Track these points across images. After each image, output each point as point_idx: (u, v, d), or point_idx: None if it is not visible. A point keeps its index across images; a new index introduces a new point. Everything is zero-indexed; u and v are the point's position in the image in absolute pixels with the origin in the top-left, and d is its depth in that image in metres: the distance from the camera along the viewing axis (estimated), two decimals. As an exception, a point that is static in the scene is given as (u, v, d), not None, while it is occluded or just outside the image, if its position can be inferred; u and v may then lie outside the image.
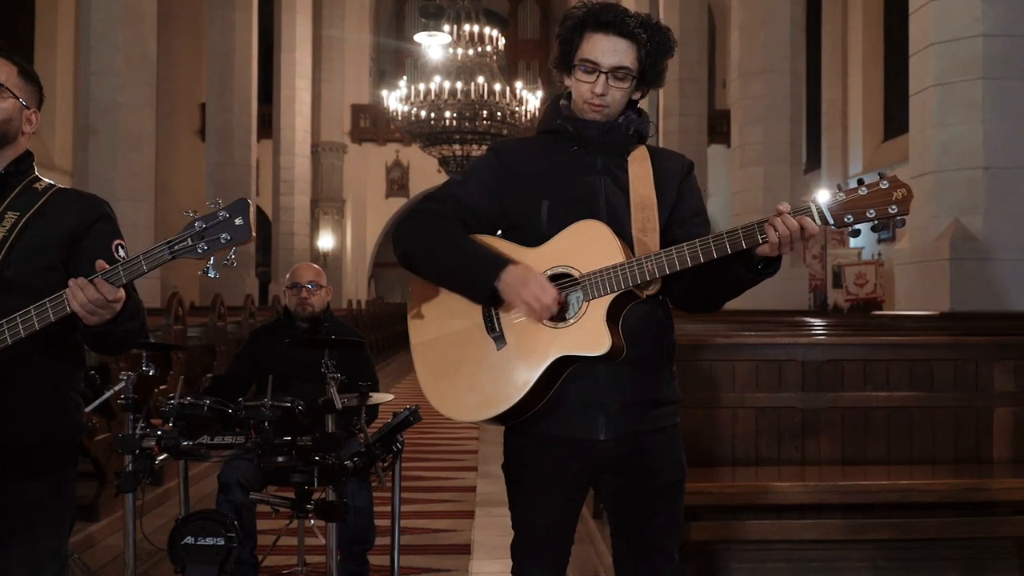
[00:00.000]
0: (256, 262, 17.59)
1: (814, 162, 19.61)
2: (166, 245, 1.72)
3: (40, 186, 1.99)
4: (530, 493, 1.92)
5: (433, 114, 17.43)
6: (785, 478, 3.52)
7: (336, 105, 23.86)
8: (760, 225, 1.69)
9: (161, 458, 2.98)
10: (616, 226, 1.81)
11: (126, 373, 2.95)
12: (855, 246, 16.37)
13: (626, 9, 1.87)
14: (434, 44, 17.51)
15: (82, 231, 1.94)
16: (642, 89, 1.91)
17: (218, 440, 2.90)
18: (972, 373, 3.73)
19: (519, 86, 17.72)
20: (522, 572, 1.98)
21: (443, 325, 1.90)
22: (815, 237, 1.74)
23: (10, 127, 1.92)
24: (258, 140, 16.38)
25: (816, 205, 1.71)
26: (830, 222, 1.70)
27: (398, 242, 1.95)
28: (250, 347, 3.77)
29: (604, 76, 1.83)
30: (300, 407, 2.94)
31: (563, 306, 1.79)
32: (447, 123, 17.36)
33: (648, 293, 1.80)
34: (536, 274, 1.78)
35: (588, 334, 1.75)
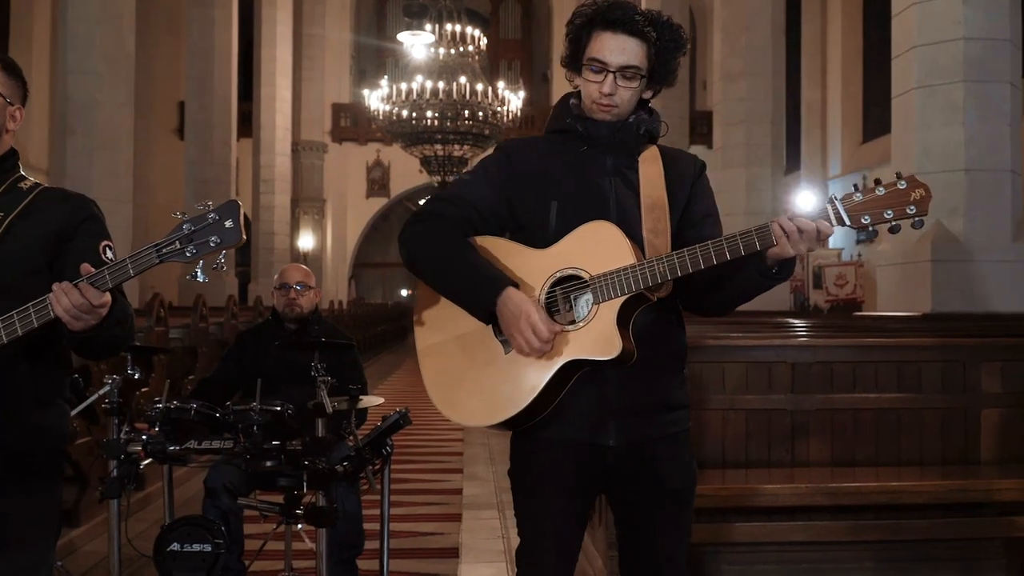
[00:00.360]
0: (235, 262, 17.44)
1: (794, 164, 19.72)
2: (154, 248, 1.68)
3: (25, 185, 1.93)
4: (537, 499, 1.88)
5: (415, 113, 17.38)
6: (775, 480, 3.52)
7: (317, 104, 23.74)
8: (772, 226, 1.66)
9: (145, 463, 2.94)
10: (626, 227, 1.77)
11: (111, 377, 2.90)
12: (834, 247, 16.48)
13: (635, 7, 1.82)
14: (417, 43, 17.45)
15: (69, 232, 1.88)
16: (653, 87, 1.87)
17: (206, 445, 2.85)
18: (959, 374, 3.75)
19: (501, 86, 17.70)
20: None
21: (450, 328, 1.86)
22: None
23: None
24: (238, 139, 16.24)
25: (833, 205, 1.67)
26: (847, 223, 1.66)
27: (405, 245, 1.91)
28: (237, 349, 3.71)
29: (612, 75, 1.80)
30: (289, 411, 2.90)
31: (573, 309, 1.75)
32: (429, 123, 17.31)
33: (659, 296, 1.77)
34: (533, 308, 1.73)
35: (598, 338, 1.71)
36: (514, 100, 18.02)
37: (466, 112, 17.25)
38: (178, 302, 11.95)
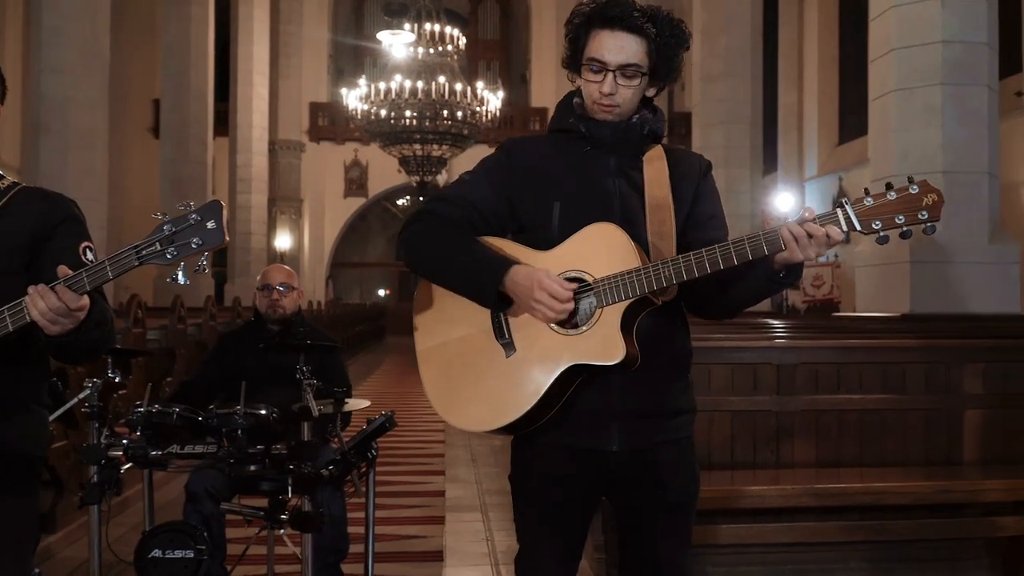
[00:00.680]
0: (212, 262, 17.26)
1: (771, 165, 19.86)
2: (133, 250, 1.63)
3: (2, 184, 1.88)
4: (538, 505, 1.84)
5: (393, 113, 17.30)
6: (760, 481, 3.52)
7: (294, 103, 23.59)
8: (781, 231, 1.63)
9: (125, 467, 2.88)
10: (630, 229, 1.74)
11: (91, 380, 2.83)
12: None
13: (634, 3, 1.79)
14: (397, 42, 17.38)
15: (47, 232, 1.83)
16: (656, 85, 1.84)
17: (189, 449, 2.80)
18: (942, 376, 3.77)
19: (480, 86, 17.66)
20: None
21: (449, 331, 1.83)
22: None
23: None
24: (214, 137, 16.09)
25: (843, 211, 1.63)
26: (858, 228, 1.62)
27: (404, 243, 1.87)
28: (218, 352, 3.65)
29: (612, 75, 1.76)
30: (274, 414, 2.86)
31: (575, 312, 1.72)
32: (407, 122, 17.24)
33: (664, 299, 1.73)
34: (546, 273, 1.70)
35: (602, 342, 1.68)
36: (493, 100, 17.99)
37: (445, 112, 17.20)
38: (153, 302, 11.81)
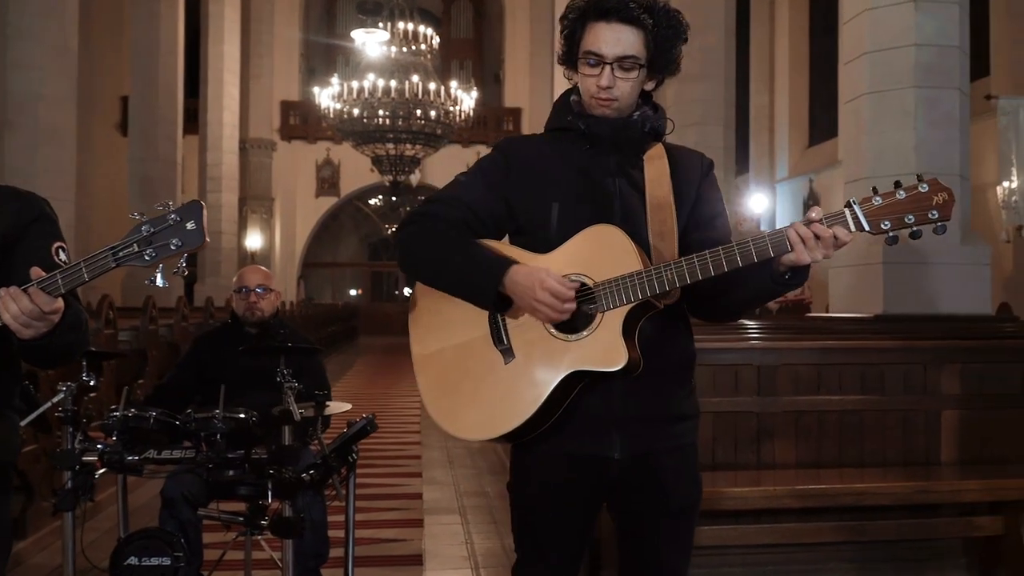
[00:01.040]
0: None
1: (742, 167, 20.00)
2: (110, 251, 1.58)
3: None
4: (538, 514, 1.80)
5: (366, 112, 17.22)
6: (741, 483, 3.53)
7: (265, 101, 23.37)
8: (788, 232, 1.59)
9: (100, 473, 2.82)
10: (631, 230, 1.69)
11: (64, 384, 2.76)
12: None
13: None
14: (371, 41, 17.28)
15: (18, 233, 1.77)
16: (655, 78, 1.79)
17: (166, 454, 2.74)
18: (920, 377, 3.80)
19: (454, 85, 17.62)
20: None
21: (447, 336, 1.78)
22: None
23: None
24: (183, 135, 15.87)
25: (851, 211, 1.58)
26: (866, 229, 1.58)
27: (399, 247, 1.82)
28: (194, 354, 3.58)
29: (609, 67, 1.71)
30: (254, 418, 2.81)
31: (576, 316, 1.68)
32: (380, 122, 17.16)
33: (667, 302, 1.69)
34: (547, 272, 1.65)
35: (603, 347, 1.64)
36: (467, 100, 17.96)
37: (418, 111, 17.15)
38: (121, 302, 11.63)
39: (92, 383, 2.89)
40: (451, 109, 17.61)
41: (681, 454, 1.82)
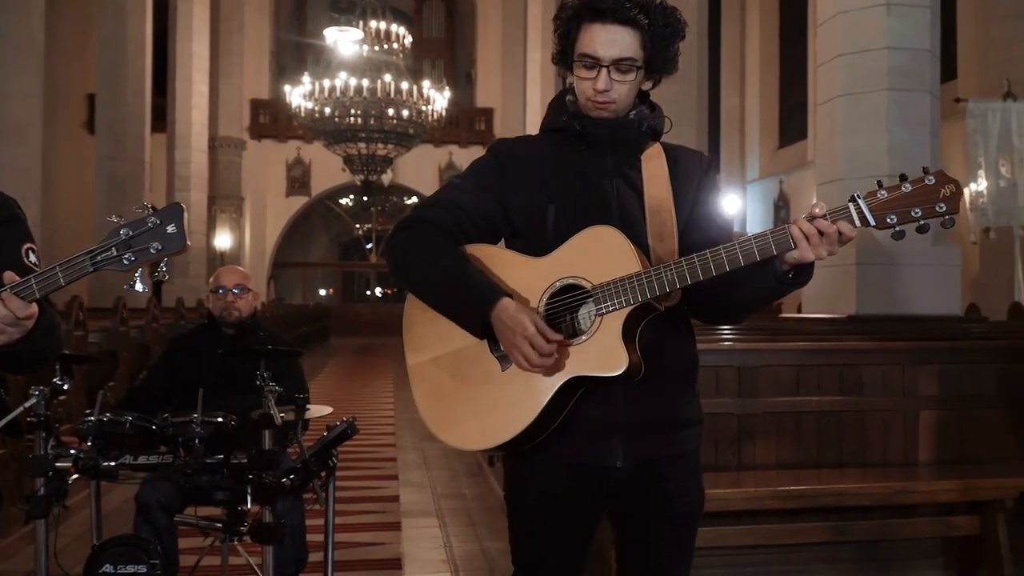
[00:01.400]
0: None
1: (713, 167, 20.12)
2: (87, 255, 1.53)
3: None
4: (537, 526, 1.75)
5: (338, 111, 17.10)
6: (722, 484, 3.52)
7: (234, 99, 23.12)
8: (791, 229, 1.53)
9: (73, 479, 2.75)
10: (630, 231, 1.64)
11: (37, 388, 2.69)
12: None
13: None
14: (345, 39, 17.15)
15: None
16: (652, 78, 1.75)
17: (143, 460, 2.68)
18: (898, 377, 3.83)
19: (427, 85, 17.55)
20: None
21: (442, 343, 1.73)
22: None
23: None
24: (151, 133, 15.64)
25: (856, 205, 1.52)
26: (871, 223, 1.52)
27: (390, 254, 1.77)
28: (170, 356, 3.51)
29: (605, 70, 1.67)
30: (233, 422, 2.75)
31: (574, 320, 1.64)
32: (352, 121, 17.05)
33: (667, 305, 1.64)
34: (529, 320, 1.59)
35: (603, 352, 1.59)
36: (439, 100, 17.90)
37: (390, 111, 17.07)
38: (89, 303, 11.43)
39: (65, 387, 2.82)
40: (423, 109, 17.55)
41: (685, 461, 1.77)
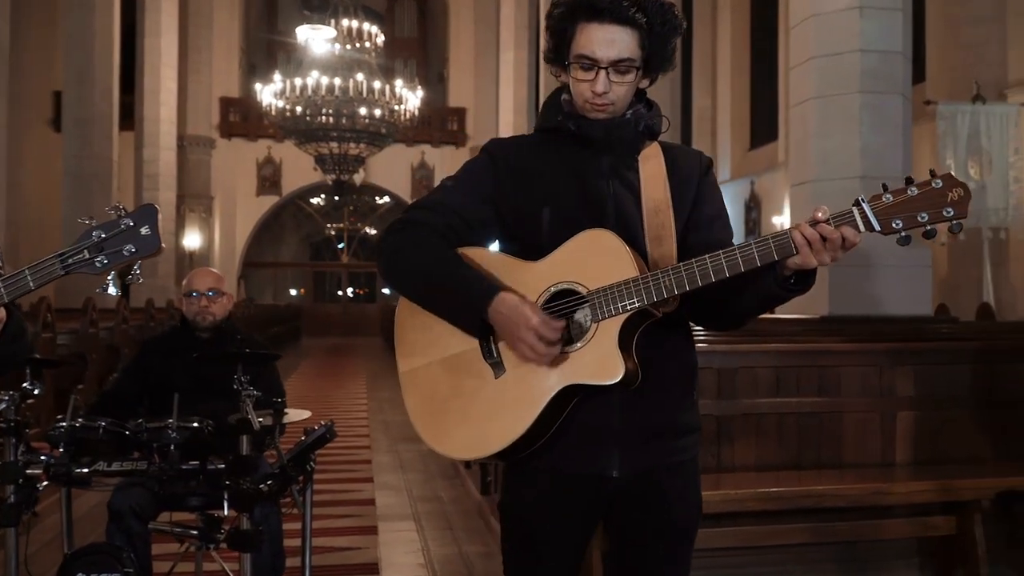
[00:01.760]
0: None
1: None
2: (57, 258, 1.50)
3: None
4: (530, 537, 1.71)
5: (309, 110, 16.98)
6: (703, 487, 3.50)
7: (204, 97, 22.85)
8: (792, 234, 1.49)
9: (43, 485, 2.68)
10: (627, 234, 1.60)
11: (7, 393, 2.62)
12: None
13: None
14: (317, 38, 17.02)
15: None
16: (650, 76, 1.70)
17: (116, 466, 2.62)
18: (875, 378, 3.85)
19: (399, 84, 17.47)
20: None
21: (434, 350, 1.68)
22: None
23: None
24: (119, 132, 15.38)
25: (860, 209, 1.48)
26: (876, 228, 1.48)
27: (382, 257, 1.72)
28: (142, 359, 3.43)
29: (604, 72, 1.62)
30: (209, 428, 2.70)
31: (569, 326, 1.60)
32: (324, 120, 16.94)
33: (665, 311, 1.59)
34: (533, 309, 1.56)
35: (599, 360, 1.54)
36: (412, 99, 17.84)
37: (363, 110, 16.98)
38: (57, 303, 11.24)
39: (36, 391, 2.75)
40: (396, 108, 17.48)
41: (683, 470, 1.74)
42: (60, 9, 15.84)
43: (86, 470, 2.59)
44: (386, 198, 26.26)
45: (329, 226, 27.60)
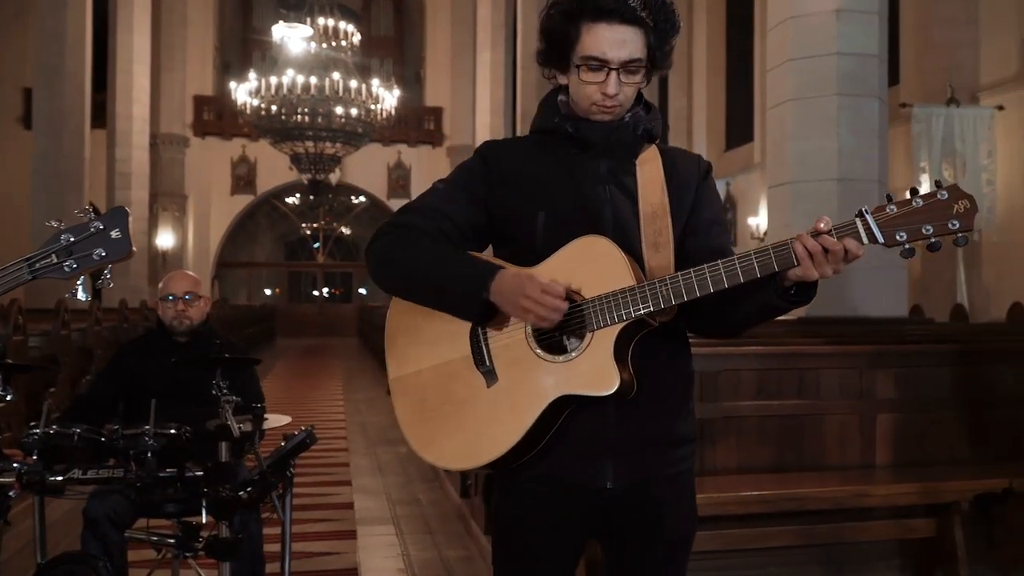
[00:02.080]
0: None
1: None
2: (25, 262, 1.46)
3: None
4: (522, 549, 1.68)
5: (284, 109, 16.85)
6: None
7: (177, 95, 22.63)
8: (794, 245, 1.44)
9: (14, 492, 2.61)
10: (624, 241, 1.57)
11: (-23, 400, 2.55)
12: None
13: None
14: (293, 36, 16.89)
15: None
16: (649, 76, 1.66)
17: (92, 474, 2.55)
18: (856, 381, 3.86)
19: (376, 83, 17.38)
20: None
21: (426, 357, 1.64)
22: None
23: None
24: (91, 129, 15.17)
25: (863, 221, 1.43)
26: (880, 240, 1.43)
27: (370, 260, 1.67)
28: (118, 364, 3.36)
29: (615, 73, 1.57)
30: (187, 434, 2.64)
31: (563, 336, 1.57)
32: (300, 119, 16.82)
33: (662, 320, 1.56)
34: (533, 275, 1.52)
35: (593, 370, 1.51)
36: (388, 98, 17.75)
37: (339, 109, 16.87)
38: (27, 304, 11.06)
39: (8, 397, 2.68)
40: (372, 107, 17.39)
41: (678, 482, 1.71)
42: (31, 4, 15.60)
43: (60, 478, 2.51)
44: (362, 198, 26.13)
45: (304, 226, 27.42)
